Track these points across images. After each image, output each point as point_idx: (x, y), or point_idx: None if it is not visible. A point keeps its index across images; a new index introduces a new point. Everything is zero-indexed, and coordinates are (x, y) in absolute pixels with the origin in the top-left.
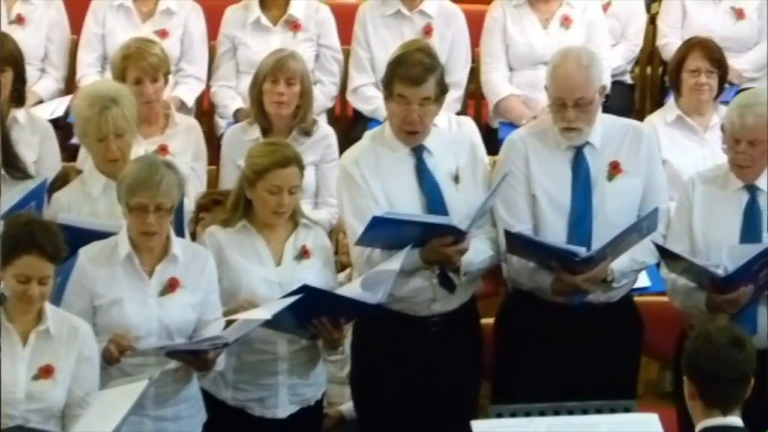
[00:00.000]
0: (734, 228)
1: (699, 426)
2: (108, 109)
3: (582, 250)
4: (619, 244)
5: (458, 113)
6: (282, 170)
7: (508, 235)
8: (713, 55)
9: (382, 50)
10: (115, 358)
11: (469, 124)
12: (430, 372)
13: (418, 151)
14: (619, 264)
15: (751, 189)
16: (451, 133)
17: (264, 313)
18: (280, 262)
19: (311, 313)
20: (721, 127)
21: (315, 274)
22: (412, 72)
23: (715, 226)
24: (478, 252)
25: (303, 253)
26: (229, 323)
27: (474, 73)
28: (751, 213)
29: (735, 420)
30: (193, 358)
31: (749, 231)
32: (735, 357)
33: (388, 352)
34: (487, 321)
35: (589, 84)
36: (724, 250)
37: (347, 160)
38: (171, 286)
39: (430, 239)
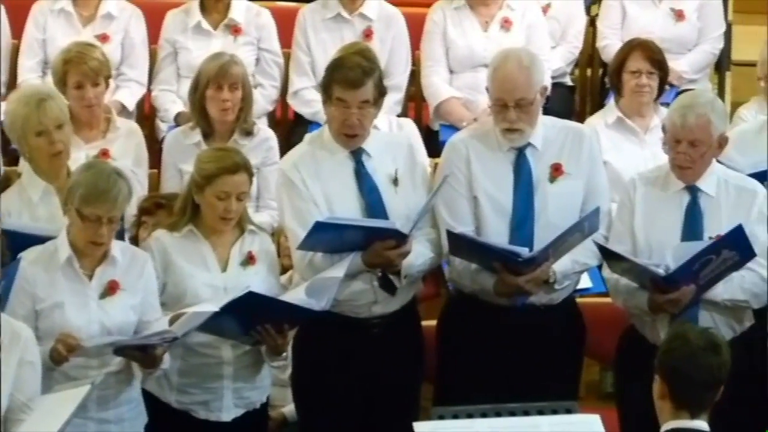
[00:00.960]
0: (675, 229)
1: (665, 426)
2: (45, 102)
3: (524, 251)
4: (561, 244)
5: (399, 116)
6: (231, 176)
7: (451, 236)
8: (654, 56)
9: (322, 53)
10: (64, 357)
11: (409, 126)
12: (372, 374)
13: (357, 155)
14: (561, 265)
15: (692, 190)
16: (389, 136)
17: (211, 306)
18: (226, 268)
19: (255, 319)
20: (663, 128)
21: (260, 280)
22: (351, 75)
23: (657, 226)
24: (418, 254)
25: (249, 259)
26: (176, 319)
27: (414, 76)
28: (691, 214)
29: (701, 424)
30: (141, 354)
31: (690, 232)
32: (711, 361)
33: (330, 354)
34: (430, 323)
35: (529, 85)
36: (668, 250)
37: (287, 165)
38: (111, 288)
39: (372, 243)
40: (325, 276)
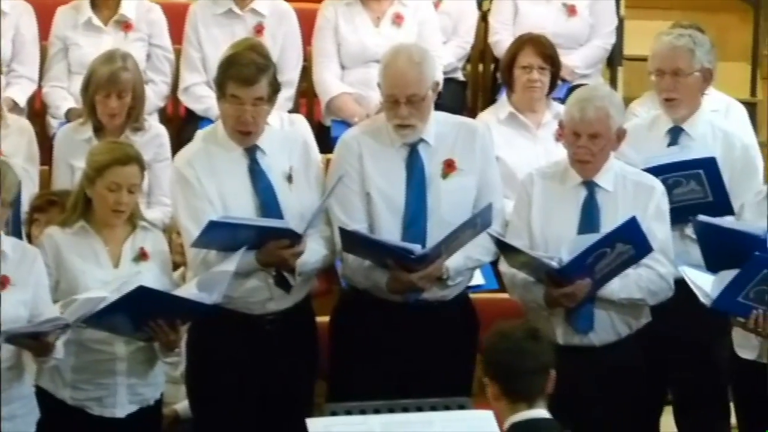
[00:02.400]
0: (572, 223)
1: (507, 423)
2: None
3: (417, 248)
4: (453, 241)
5: (290, 112)
6: (122, 168)
7: (344, 233)
8: (545, 51)
9: (213, 49)
10: None
11: (301, 122)
12: (265, 370)
13: (251, 152)
14: (453, 262)
15: (589, 185)
16: (284, 132)
17: (102, 292)
18: (118, 264)
19: (147, 314)
20: (560, 123)
21: (153, 276)
22: (245, 72)
23: (553, 221)
24: (312, 252)
25: (141, 255)
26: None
27: (306, 72)
28: (588, 209)
29: (542, 412)
30: (34, 342)
31: (586, 227)
32: (532, 348)
33: (223, 351)
34: (323, 319)
35: (421, 80)
36: (564, 243)
37: (181, 162)
38: (1, 283)
39: (267, 242)
40: (216, 270)
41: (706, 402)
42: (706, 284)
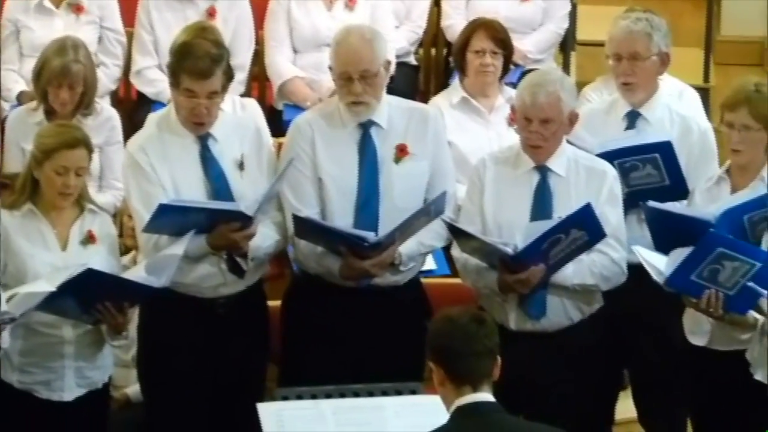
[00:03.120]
0: (525, 208)
1: (452, 407)
2: None
3: (370, 235)
4: (407, 228)
5: (242, 95)
6: (70, 151)
7: (297, 220)
8: (498, 35)
9: (165, 32)
10: None
11: (252, 106)
12: (216, 354)
13: (203, 139)
14: (406, 248)
15: (542, 170)
16: (236, 118)
17: (46, 286)
18: (66, 247)
19: (94, 297)
20: (512, 108)
21: (101, 259)
22: (200, 65)
23: (506, 206)
24: (265, 237)
25: (89, 238)
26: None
27: (258, 56)
28: (541, 194)
29: (487, 396)
30: None
31: (539, 212)
32: (476, 331)
33: (174, 334)
34: (274, 303)
35: (373, 56)
36: (518, 230)
37: (134, 147)
38: None
39: (217, 225)
40: (165, 254)
41: (662, 385)
42: (659, 263)
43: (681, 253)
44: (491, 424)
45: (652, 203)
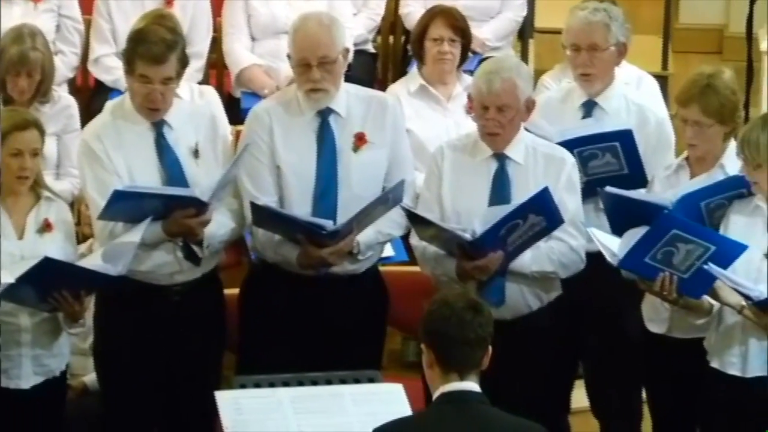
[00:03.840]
0: (483, 196)
1: (437, 392)
2: None
3: (328, 224)
4: (365, 216)
5: (200, 83)
6: (22, 133)
7: (254, 208)
8: (456, 23)
9: (123, 20)
10: None
11: (210, 93)
12: (173, 342)
13: (158, 126)
14: (365, 236)
15: (500, 158)
16: (192, 106)
17: (7, 277)
18: (22, 236)
19: (52, 285)
20: (468, 96)
21: (57, 248)
22: (154, 50)
23: (464, 194)
24: (220, 225)
25: (45, 227)
26: None
27: (216, 43)
28: (499, 181)
29: (472, 385)
30: None
31: (497, 199)
32: (472, 319)
33: (130, 322)
34: (231, 291)
35: (332, 42)
36: (476, 216)
37: (89, 135)
38: None
39: (173, 211)
40: (121, 241)
41: (618, 373)
42: (613, 245)
43: (635, 234)
44: (472, 413)
45: (609, 189)
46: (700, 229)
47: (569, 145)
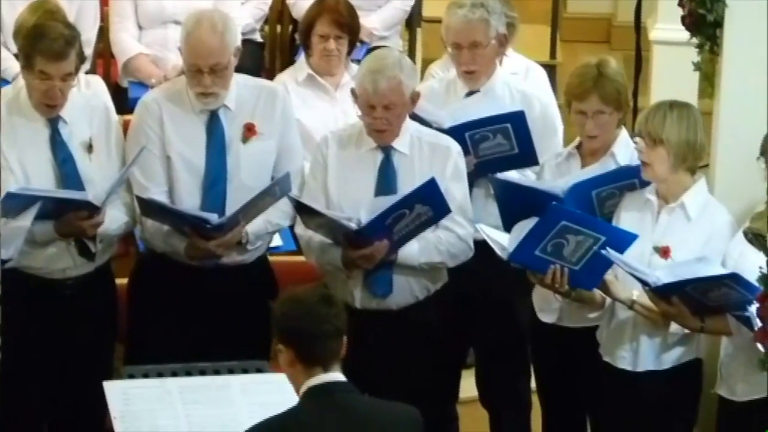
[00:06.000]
0: (369, 187)
1: (303, 387)
2: None
3: (214, 217)
4: (251, 208)
5: (87, 73)
6: None
7: (141, 201)
8: (342, 20)
9: (9, 10)
10: None
11: (98, 83)
12: (64, 335)
13: (54, 122)
14: (253, 226)
15: (385, 148)
16: (85, 98)
17: None
18: None
19: None
20: (352, 92)
21: None
22: (55, 47)
23: (350, 185)
24: (113, 219)
25: None
26: None
27: (103, 32)
28: (385, 172)
29: (338, 375)
30: None
31: (383, 190)
32: (327, 312)
33: (21, 316)
34: (120, 281)
35: (224, 49)
36: (364, 206)
37: None
38: None
39: (65, 213)
40: (12, 225)
41: (507, 362)
42: (503, 239)
43: (524, 227)
44: (342, 404)
45: (499, 175)
46: (589, 220)
47: (461, 129)
